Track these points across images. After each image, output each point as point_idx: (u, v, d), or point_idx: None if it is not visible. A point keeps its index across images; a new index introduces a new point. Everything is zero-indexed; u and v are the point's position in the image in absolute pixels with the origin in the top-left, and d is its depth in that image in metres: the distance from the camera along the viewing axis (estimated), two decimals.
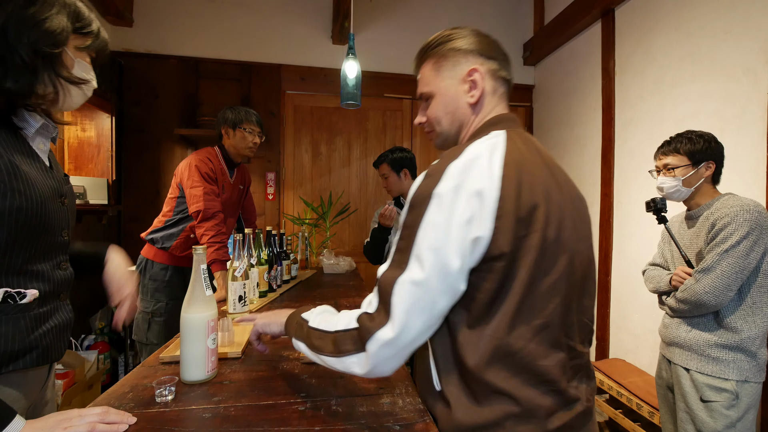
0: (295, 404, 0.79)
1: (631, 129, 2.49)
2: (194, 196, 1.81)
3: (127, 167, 3.01)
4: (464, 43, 0.82)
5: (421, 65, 0.87)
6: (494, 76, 0.82)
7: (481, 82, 0.80)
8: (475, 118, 0.83)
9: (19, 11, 0.74)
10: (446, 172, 0.68)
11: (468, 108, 0.82)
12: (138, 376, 0.92)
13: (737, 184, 1.82)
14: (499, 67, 0.83)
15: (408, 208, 0.70)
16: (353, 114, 3.38)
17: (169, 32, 3.09)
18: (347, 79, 2.00)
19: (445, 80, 0.82)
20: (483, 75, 0.81)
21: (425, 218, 0.66)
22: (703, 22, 2.00)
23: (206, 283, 0.89)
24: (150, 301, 1.89)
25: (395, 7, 3.35)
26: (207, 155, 1.94)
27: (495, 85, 0.83)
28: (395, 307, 0.65)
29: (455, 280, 0.66)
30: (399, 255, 0.69)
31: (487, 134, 0.76)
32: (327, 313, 0.81)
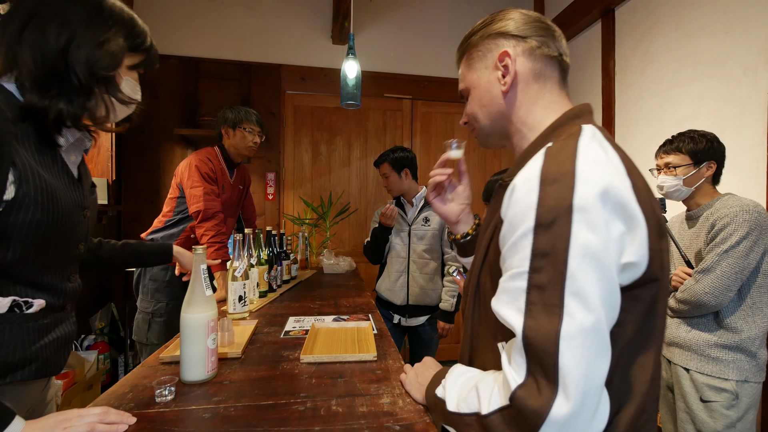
0: (295, 404, 0.79)
1: (631, 129, 2.49)
2: (194, 196, 1.81)
3: (127, 167, 3.01)
4: (495, 27, 0.73)
5: (460, 62, 0.80)
6: (532, 56, 0.70)
7: (513, 65, 0.70)
8: (519, 109, 0.71)
9: (83, 29, 0.73)
10: (578, 174, 0.53)
11: (503, 98, 0.72)
12: (138, 376, 0.92)
13: (737, 184, 1.82)
14: (539, 44, 0.70)
15: (534, 228, 0.53)
16: (353, 114, 3.38)
17: (169, 32, 3.09)
18: (347, 79, 2.00)
19: (478, 71, 0.75)
20: (514, 58, 0.70)
21: (573, 240, 0.51)
22: (703, 22, 2.00)
23: (206, 283, 0.89)
24: (150, 302, 1.89)
25: (395, 7, 3.35)
26: (207, 155, 1.94)
27: (536, 67, 0.70)
28: (568, 371, 0.48)
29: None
30: (542, 294, 0.52)
31: (574, 128, 0.64)
32: (461, 382, 0.67)
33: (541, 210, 0.53)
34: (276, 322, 1.37)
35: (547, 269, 0.52)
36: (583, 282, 0.50)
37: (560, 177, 0.54)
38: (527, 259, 0.54)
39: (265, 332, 1.25)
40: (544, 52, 0.70)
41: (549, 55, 0.71)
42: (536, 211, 0.54)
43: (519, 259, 0.55)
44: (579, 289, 0.50)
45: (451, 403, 0.64)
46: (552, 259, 0.52)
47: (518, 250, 0.55)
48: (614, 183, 0.53)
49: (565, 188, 0.53)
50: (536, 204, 0.54)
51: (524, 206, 0.55)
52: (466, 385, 0.64)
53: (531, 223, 0.54)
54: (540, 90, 0.71)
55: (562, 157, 0.56)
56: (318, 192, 3.34)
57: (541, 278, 0.52)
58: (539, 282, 0.52)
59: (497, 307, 0.58)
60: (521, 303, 0.53)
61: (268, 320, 1.39)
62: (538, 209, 0.54)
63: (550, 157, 0.57)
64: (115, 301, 2.91)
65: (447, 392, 0.67)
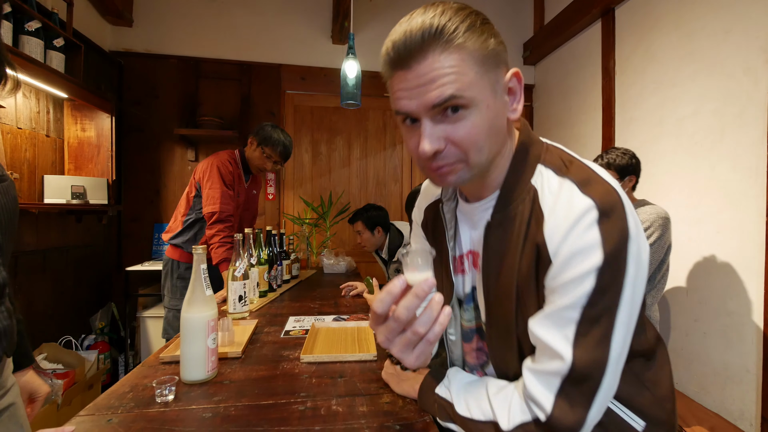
0: (295, 404, 0.79)
1: (631, 128, 2.49)
2: (211, 197, 1.86)
3: (127, 167, 3.01)
4: (497, 34, 0.60)
5: (443, 49, 0.55)
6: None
7: (520, 89, 0.63)
8: (506, 138, 0.65)
9: None
10: (624, 201, 0.55)
11: (508, 130, 0.64)
12: (138, 375, 0.91)
13: (737, 183, 1.82)
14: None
15: (600, 268, 0.52)
16: (353, 114, 3.38)
17: (169, 32, 3.09)
18: (347, 79, 2.00)
19: (492, 86, 0.58)
20: (521, 78, 0.62)
21: (628, 271, 0.53)
22: (703, 21, 2.00)
23: (206, 283, 0.89)
24: (180, 300, 1.95)
25: (395, 6, 3.35)
26: (229, 158, 1.99)
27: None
28: (604, 391, 0.55)
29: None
30: (594, 327, 0.54)
31: (536, 138, 0.66)
32: (466, 385, 0.69)
33: (606, 247, 0.52)
34: (276, 321, 1.37)
35: (603, 302, 0.53)
36: (629, 309, 0.54)
37: (612, 208, 0.53)
38: (586, 296, 0.53)
39: (265, 332, 1.25)
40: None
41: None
42: (602, 250, 0.52)
43: (575, 296, 0.54)
44: (626, 318, 0.54)
45: (460, 406, 0.66)
46: (610, 294, 0.53)
47: (576, 287, 0.54)
48: (634, 216, 0.56)
49: (620, 219, 0.53)
50: (600, 241, 0.53)
51: (584, 245, 0.53)
52: (475, 390, 0.67)
53: (596, 262, 0.52)
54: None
55: (599, 187, 0.56)
56: (318, 192, 3.34)
57: (595, 312, 0.53)
58: (592, 315, 0.53)
59: (538, 330, 0.58)
60: (569, 332, 0.54)
61: (268, 320, 1.39)
62: (604, 247, 0.52)
63: (588, 188, 0.56)
64: (115, 301, 2.91)
65: (453, 394, 0.68)
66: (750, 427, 1.75)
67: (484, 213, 0.68)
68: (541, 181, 0.62)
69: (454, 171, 0.60)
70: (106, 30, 2.97)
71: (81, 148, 2.59)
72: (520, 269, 0.61)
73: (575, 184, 0.57)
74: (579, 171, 0.60)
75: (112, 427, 0.70)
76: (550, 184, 0.60)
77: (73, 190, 2.36)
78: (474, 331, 0.76)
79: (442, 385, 0.72)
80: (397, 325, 0.55)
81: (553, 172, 0.62)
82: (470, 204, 0.71)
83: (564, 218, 0.56)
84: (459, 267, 0.76)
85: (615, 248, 0.52)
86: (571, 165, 0.61)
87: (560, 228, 0.55)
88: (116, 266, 2.97)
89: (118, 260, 2.99)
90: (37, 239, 2.25)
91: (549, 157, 0.64)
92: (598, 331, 0.53)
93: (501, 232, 0.64)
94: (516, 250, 0.61)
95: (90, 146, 2.61)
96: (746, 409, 1.78)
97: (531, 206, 0.61)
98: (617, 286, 0.53)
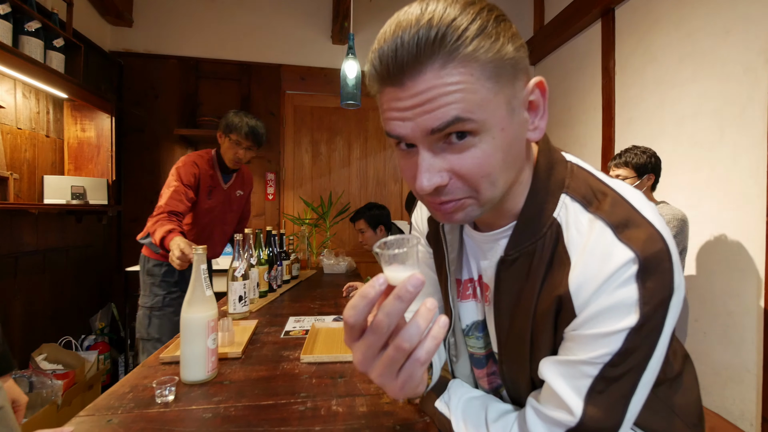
0: (295, 404, 0.79)
1: (631, 128, 2.49)
2: (162, 195, 1.79)
3: (127, 167, 3.01)
4: (515, 32, 0.47)
5: (445, 62, 0.43)
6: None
7: (543, 102, 0.51)
8: (525, 162, 0.54)
9: None
10: (672, 254, 0.46)
11: (527, 153, 0.54)
12: (138, 376, 0.91)
13: (737, 184, 1.82)
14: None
15: (632, 330, 0.45)
16: (353, 114, 3.38)
17: (169, 32, 3.09)
18: (347, 79, 2.00)
19: (507, 103, 0.46)
20: (546, 88, 0.50)
21: (664, 333, 0.47)
22: (703, 21, 2.00)
23: (206, 283, 0.89)
24: (149, 297, 1.92)
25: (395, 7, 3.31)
26: (197, 158, 1.90)
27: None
28: None
29: None
30: (612, 386, 0.48)
31: (559, 155, 0.57)
32: (465, 404, 0.64)
33: (644, 310, 0.45)
34: (276, 322, 1.37)
35: (629, 362, 0.47)
36: (656, 366, 0.48)
37: (657, 262, 0.45)
38: (609, 355, 0.47)
39: (266, 332, 1.25)
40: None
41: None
42: (639, 312, 0.45)
43: (597, 354, 0.47)
44: (650, 377, 0.48)
45: (458, 425, 0.61)
46: (639, 354, 0.46)
47: (600, 345, 0.47)
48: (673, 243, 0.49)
49: (665, 273, 0.45)
50: (637, 301, 0.45)
51: (618, 304, 0.46)
52: (473, 412, 0.62)
53: (628, 324, 0.45)
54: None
55: (640, 233, 0.47)
56: (318, 192, 3.34)
57: (617, 371, 0.47)
58: (613, 375, 0.47)
59: (549, 375, 0.52)
60: (583, 385, 0.48)
61: (268, 320, 1.39)
62: (641, 309, 0.45)
63: (627, 234, 0.47)
64: (115, 301, 2.91)
65: (452, 411, 0.64)
66: (750, 427, 1.75)
67: (496, 245, 0.59)
68: (565, 215, 0.53)
69: (461, 208, 0.50)
70: (106, 30, 2.97)
71: (81, 148, 2.59)
72: (536, 315, 0.54)
73: (610, 227, 0.48)
74: (615, 208, 0.50)
75: (112, 427, 0.70)
76: (578, 222, 0.51)
77: (73, 190, 2.36)
78: (487, 357, 0.70)
79: (442, 399, 0.67)
80: (375, 339, 0.39)
81: (580, 206, 0.52)
82: (480, 232, 0.62)
83: (597, 270, 0.47)
84: (464, 292, 0.68)
85: (654, 308, 0.45)
86: (604, 198, 0.51)
87: (591, 282, 0.47)
88: (116, 266, 2.97)
89: (118, 260, 2.99)
90: (37, 239, 2.25)
91: (575, 184, 0.54)
92: (617, 391, 0.47)
93: (516, 271, 0.56)
94: (533, 292, 0.53)
95: (90, 146, 2.61)
96: (746, 409, 1.77)
97: (553, 245, 0.52)
98: (649, 347, 0.46)
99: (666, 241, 0.46)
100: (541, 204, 0.54)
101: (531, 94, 0.49)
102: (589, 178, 0.54)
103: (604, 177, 0.55)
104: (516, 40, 0.47)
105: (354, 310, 0.39)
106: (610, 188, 0.52)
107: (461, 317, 0.70)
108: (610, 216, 0.49)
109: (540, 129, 0.51)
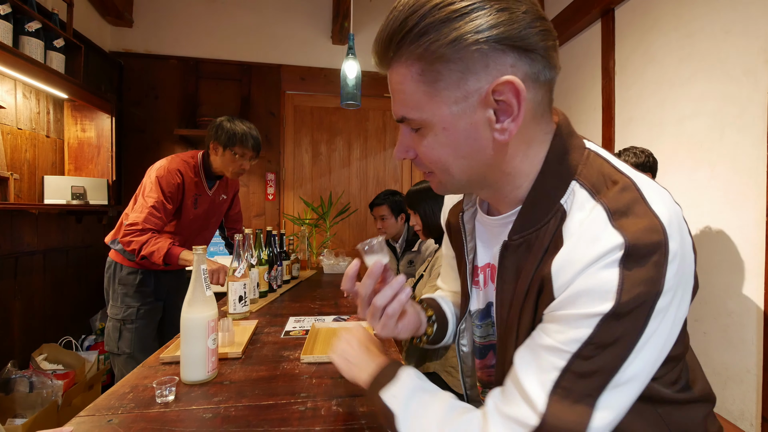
0: (295, 404, 0.79)
1: (631, 128, 2.49)
2: (141, 206, 1.65)
3: (127, 167, 3.01)
4: (481, 24, 0.44)
5: (392, 61, 0.49)
6: (537, 82, 0.49)
7: (518, 103, 0.47)
8: (514, 158, 0.53)
9: None
10: (670, 247, 0.43)
11: (493, 148, 0.51)
12: (138, 376, 0.92)
13: (737, 184, 1.82)
14: (543, 66, 0.49)
15: (604, 317, 0.43)
16: (353, 114, 3.38)
17: (169, 32, 3.09)
18: (347, 79, 2.00)
19: (448, 103, 0.48)
20: (521, 88, 0.46)
21: (645, 334, 0.43)
22: (703, 21, 2.00)
23: (206, 283, 0.89)
24: (120, 308, 1.76)
25: None
26: (181, 167, 1.74)
27: (538, 96, 0.51)
28: None
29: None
30: (579, 383, 0.44)
31: (578, 142, 0.55)
32: (417, 403, 0.56)
33: (622, 298, 0.42)
34: (276, 322, 1.37)
35: (597, 361, 0.44)
36: (632, 375, 0.44)
37: (649, 251, 0.42)
38: (578, 342, 0.44)
39: (266, 332, 1.25)
40: (546, 77, 0.50)
41: (550, 79, 0.51)
42: (616, 299, 0.42)
43: (567, 338, 0.45)
44: (626, 386, 0.44)
45: (404, 423, 0.55)
46: (609, 353, 0.43)
47: (570, 328, 0.45)
48: (689, 246, 0.46)
49: (656, 266, 0.42)
50: (616, 289, 0.42)
51: (595, 286, 0.43)
52: (423, 410, 0.55)
53: (602, 309, 0.43)
54: (538, 125, 0.53)
55: (639, 221, 0.44)
56: (318, 192, 3.34)
57: (586, 367, 0.44)
58: (581, 370, 0.44)
59: (519, 366, 0.49)
60: (548, 380, 0.45)
61: (268, 320, 1.39)
62: (618, 297, 0.42)
63: (623, 220, 0.44)
64: None
65: (400, 404, 0.56)
66: (750, 427, 1.75)
67: (502, 229, 0.59)
68: (572, 202, 0.50)
69: (432, 180, 0.57)
70: (106, 30, 2.97)
71: (81, 148, 2.59)
72: (525, 300, 0.53)
73: (606, 212, 0.46)
74: (620, 194, 0.47)
75: (112, 427, 0.70)
76: (582, 209, 0.49)
77: (73, 190, 2.37)
78: (488, 347, 0.70)
79: (389, 389, 0.59)
80: (361, 300, 0.64)
81: (588, 194, 0.49)
82: (490, 216, 0.63)
83: (581, 254, 0.45)
84: (474, 279, 0.69)
85: (634, 300, 0.42)
86: (614, 186, 0.48)
87: (573, 264, 0.45)
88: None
89: None
90: (37, 240, 2.25)
91: (587, 171, 0.51)
92: (580, 387, 0.44)
93: (516, 256, 0.55)
94: (527, 279, 0.52)
95: (90, 147, 2.61)
96: (746, 409, 1.77)
97: (554, 232, 0.50)
98: (623, 347, 0.43)
99: (667, 235, 0.43)
100: (548, 191, 0.52)
101: (499, 94, 0.47)
102: (603, 165, 0.52)
103: (621, 165, 0.52)
104: (471, 35, 0.44)
105: (361, 285, 0.65)
106: (625, 175, 0.49)
107: (470, 304, 0.70)
108: (611, 202, 0.47)
109: (509, 131, 0.49)
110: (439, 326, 0.78)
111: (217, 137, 1.73)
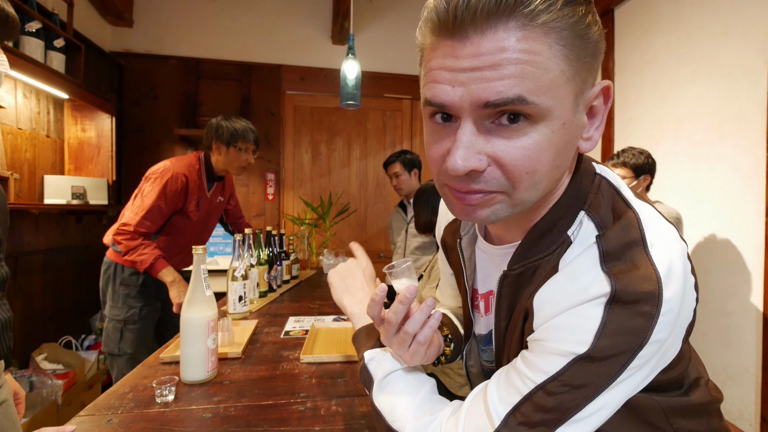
0: (295, 404, 0.79)
1: (630, 128, 2.49)
2: (138, 206, 1.66)
3: (127, 167, 3.01)
4: (599, 20, 0.41)
5: (523, 26, 0.37)
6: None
7: (605, 110, 0.45)
8: (563, 180, 0.49)
9: None
10: (664, 297, 0.39)
11: (572, 162, 0.47)
12: (138, 376, 0.92)
13: (737, 184, 1.82)
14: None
15: (578, 358, 0.40)
16: (353, 114, 3.38)
17: (168, 32, 3.09)
18: (347, 80, 2.00)
19: (573, 96, 0.40)
20: (611, 95, 0.45)
21: (615, 383, 0.40)
22: (702, 22, 2.00)
23: (206, 283, 0.90)
24: (122, 308, 1.75)
25: (395, 7, 3.35)
26: (186, 171, 1.75)
27: None
28: None
29: None
30: (536, 414, 0.42)
31: (590, 167, 0.50)
32: (395, 384, 0.56)
33: (601, 343, 0.39)
34: (276, 322, 1.37)
35: (559, 398, 0.41)
36: (594, 411, 0.41)
37: (638, 301, 0.39)
38: (545, 375, 0.42)
39: (265, 332, 1.25)
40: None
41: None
42: (593, 342, 0.39)
43: (535, 367, 0.43)
44: (585, 418, 0.42)
45: (378, 395, 0.56)
46: (573, 394, 0.41)
47: (540, 359, 0.43)
48: (690, 288, 0.42)
49: (644, 320, 0.39)
50: (596, 331, 0.39)
51: (576, 325, 0.41)
52: (399, 390, 0.56)
53: (578, 350, 0.40)
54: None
55: (635, 270, 0.40)
56: (318, 192, 3.34)
57: (546, 401, 0.42)
58: (541, 402, 0.42)
59: (493, 378, 0.49)
60: (509, 401, 0.44)
61: (268, 320, 1.39)
62: (596, 341, 0.39)
63: (616, 266, 0.41)
64: None
65: (380, 373, 0.57)
66: (749, 427, 1.76)
67: (504, 258, 0.55)
68: (578, 233, 0.46)
69: (488, 203, 0.43)
70: (106, 30, 2.97)
71: (81, 148, 2.59)
72: (516, 328, 0.51)
73: (600, 252, 0.43)
74: (620, 233, 0.43)
75: (112, 427, 0.70)
76: (582, 243, 0.46)
77: (74, 190, 2.37)
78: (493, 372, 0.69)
79: (374, 354, 0.60)
80: (390, 327, 0.55)
81: (594, 228, 0.46)
82: (491, 245, 0.58)
83: (564, 294, 0.43)
84: (475, 304, 0.66)
85: (612, 348, 0.39)
86: (617, 221, 0.45)
87: (555, 304, 0.43)
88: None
89: None
90: (37, 239, 2.25)
91: (596, 202, 0.47)
92: (535, 419, 0.42)
93: (514, 287, 0.51)
94: (522, 307, 0.50)
95: (90, 147, 2.61)
96: (746, 409, 1.78)
97: (556, 263, 0.47)
98: (590, 391, 0.40)
99: (661, 285, 0.39)
100: (557, 220, 0.48)
101: (595, 98, 0.43)
102: (615, 197, 0.48)
103: (629, 195, 0.48)
104: (599, 25, 0.40)
105: (392, 311, 0.55)
106: (631, 209, 0.45)
107: (474, 328, 0.68)
108: (608, 241, 0.43)
109: (593, 140, 0.44)
110: (455, 344, 0.73)
111: (219, 136, 1.77)
